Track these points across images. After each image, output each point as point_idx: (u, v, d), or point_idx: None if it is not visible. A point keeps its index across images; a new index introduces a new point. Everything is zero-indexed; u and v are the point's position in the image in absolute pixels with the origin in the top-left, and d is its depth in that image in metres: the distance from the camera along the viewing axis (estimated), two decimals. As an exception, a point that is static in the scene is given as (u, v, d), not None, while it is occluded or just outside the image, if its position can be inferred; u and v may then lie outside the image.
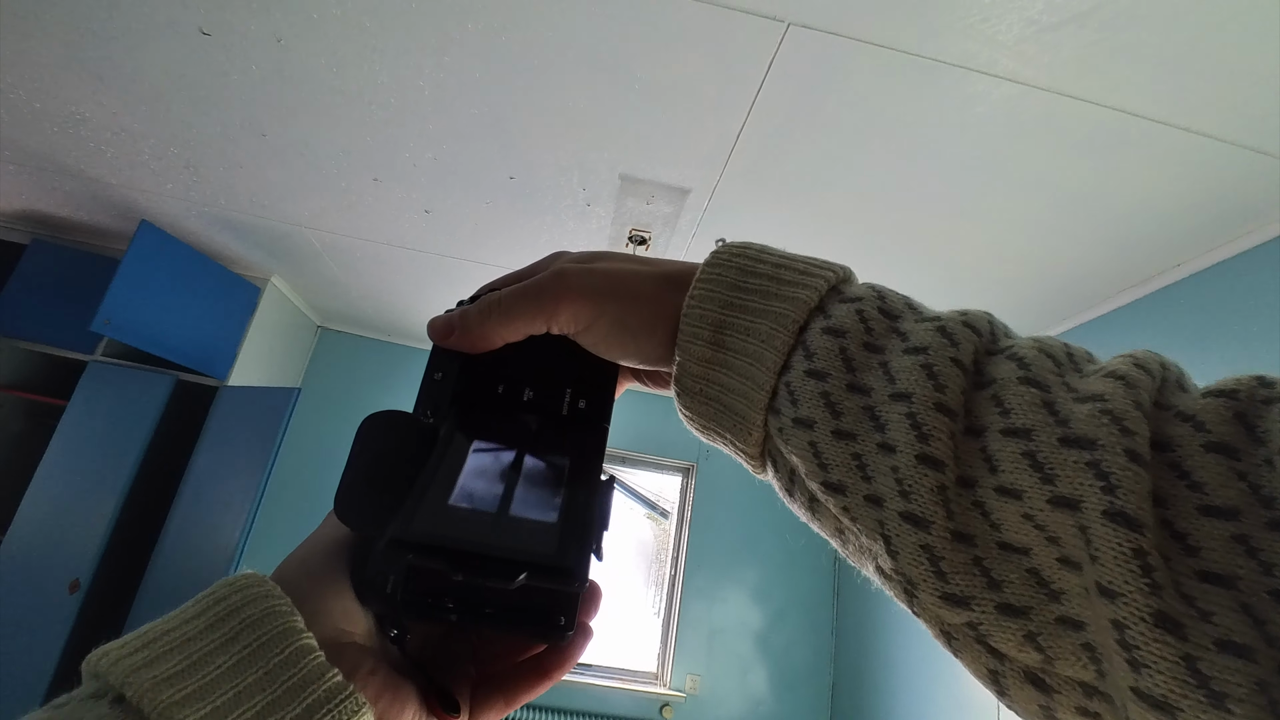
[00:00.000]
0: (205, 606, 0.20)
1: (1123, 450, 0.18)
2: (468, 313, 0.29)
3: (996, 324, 0.25)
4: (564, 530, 0.24)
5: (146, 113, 1.95)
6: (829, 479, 0.23)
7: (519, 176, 2.00)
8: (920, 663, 2.77)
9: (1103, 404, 0.19)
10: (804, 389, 0.24)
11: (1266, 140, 1.43)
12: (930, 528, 0.20)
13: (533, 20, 1.43)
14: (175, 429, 2.77)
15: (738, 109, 1.60)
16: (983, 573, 0.20)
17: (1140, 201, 1.68)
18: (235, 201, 2.42)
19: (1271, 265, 1.66)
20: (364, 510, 0.24)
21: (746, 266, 0.28)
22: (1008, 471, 0.20)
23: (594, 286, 0.28)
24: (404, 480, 0.24)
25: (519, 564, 0.22)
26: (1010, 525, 0.19)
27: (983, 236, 1.94)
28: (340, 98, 1.76)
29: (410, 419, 0.27)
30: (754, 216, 2.03)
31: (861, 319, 0.25)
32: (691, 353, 0.27)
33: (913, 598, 0.21)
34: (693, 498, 3.69)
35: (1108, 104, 1.42)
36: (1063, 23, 1.26)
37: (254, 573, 0.22)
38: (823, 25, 1.35)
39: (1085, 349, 0.23)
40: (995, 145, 1.58)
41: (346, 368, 3.73)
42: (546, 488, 0.26)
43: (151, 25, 1.59)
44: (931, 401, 0.21)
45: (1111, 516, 0.17)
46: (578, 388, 0.30)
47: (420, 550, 0.22)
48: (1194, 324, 1.84)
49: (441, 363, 0.30)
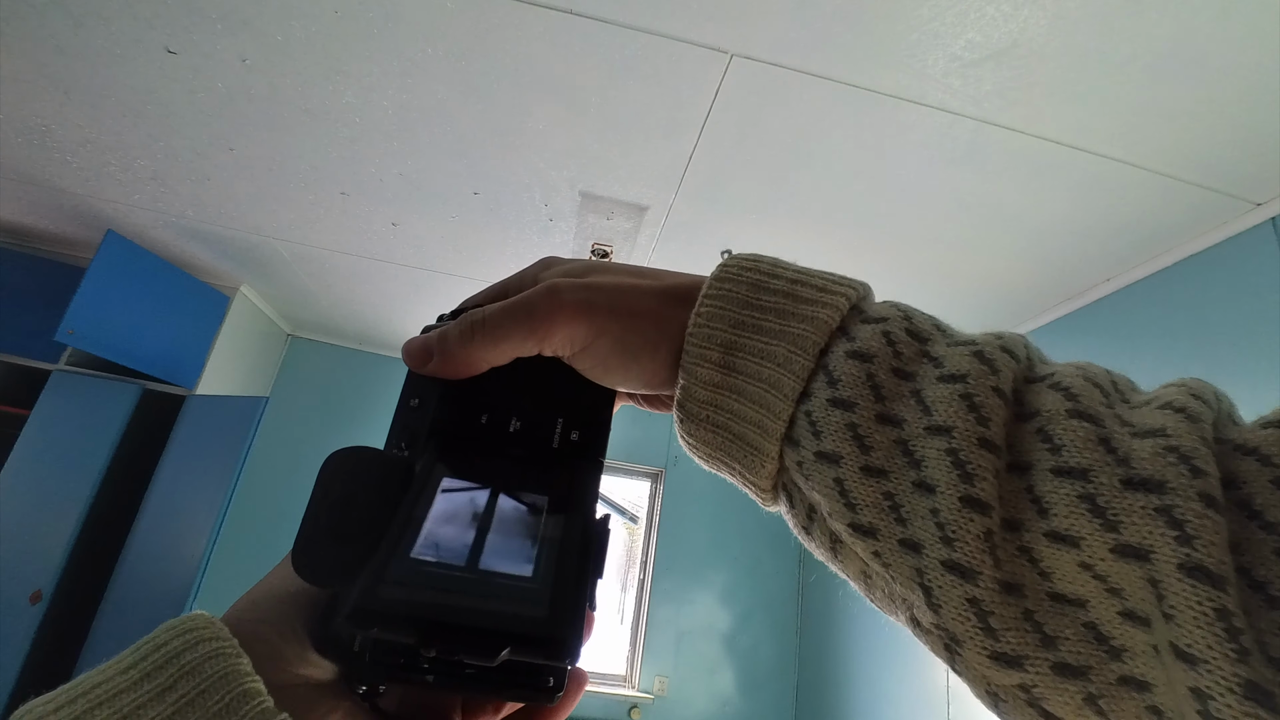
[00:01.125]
0: (143, 654, 0.18)
1: (1196, 494, 0.16)
2: (447, 334, 0.26)
3: (1032, 349, 0.23)
4: (556, 590, 0.21)
5: (113, 127, 1.97)
6: (858, 520, 0.21)
7: (483, 192, 2.06)
8: (879, 658, 2.87)
9: (1166, 440, 0.18)
10: (828, 419, 0.22)
11: (1172, 166, 1.55)
12: (978, 579, 0.18)
13: (490, 48, 1.50)
14: (141, 438, 2.77)
15: (688, 133, 1.68)
16: (1035, 628, 0.18)
17: (1064, 222, 1.80)
18: (204, 213, 2.44)
19: (1188, 281, 1.79)
20: (325, 565, 0.21)
21: (759, 282, 0.25)
22: (1061, 516, 0.18)
23: (591, 303, 0.25)
24: (372, 529, 0.22)
25: (502, 635, 0.20)
26: (1064, 575, 0.18)
27: (922, 256, 2.05)
28: (307, 116, 1.81)
29: (379, 456, 0.24)
30: (709, 233, 2.12)
31: (889, 341, 0.23)
32: (698, 376, 0.25)
33: (955, 655, 0.20)
34: (661, 503, 3.76)
35: (1029, 132, 1.53)
36: (983, 59, 1.37)
37: (200, 614, 0.20)
38: (764, 57, 1.44)
39: (1127, 376, 0.22)
40: (929, 170, 1.69)
41: (318, 376, 3.74)
42: (536, 537, 0.23)
43: (118, 43, 1.63)
44: (975, 436, 0.20)
45: (1189, 571, 0.16)
46: (570, 417, 0.27)
47: (388, 622, 0.19)
48: (1125, 334, 1.96)
49: (418, 388, 0.27)
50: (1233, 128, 1.42)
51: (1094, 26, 1.26)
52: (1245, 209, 1.63)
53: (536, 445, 0.26)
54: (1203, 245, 1.75)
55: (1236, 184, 1.57)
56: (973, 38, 1.32)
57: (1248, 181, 1.55)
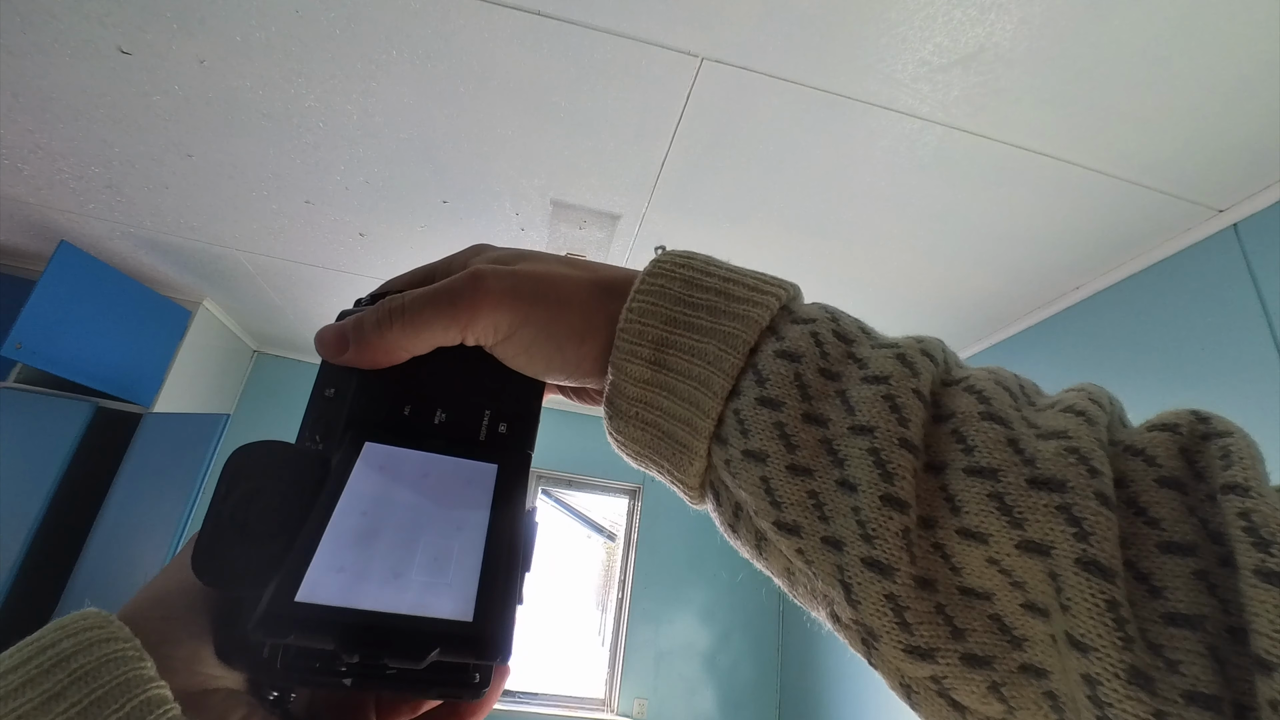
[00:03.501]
0: (27, 656, 0.16)
1: (1093, 493, 0.17)
2: (364, 321, 0.24)
3: (949, 352, 0.24)
4: (482, 585, 0.21)
5: (65, 132, 1.90)
6: (782, 518, 0.21)
7: (452, 200, 2.02)
8: (861, 674, 2.82)
9: (1067, 442, 0.18)
10: (756, 418, 0.22)
11: (1136, 172, 1.57)
12: (895, 575, 0.19)
13: (456, 49, 1.47)
14: (94, 458, 2.65)
15: (660, 138, 1.66)
16: (946, 621, 0.19)
17: (1033, 229, 1.81)
18: (162, 223, 2.37)
19: (1155, 288, 1.81)
20: (228, 567, 0.19)
21: (692, 279, 0.25)
22: (972, 514, 0.19)
23: (516, 290, 0.25)
24: (281, 528, 0.20)
25: (429, 636, 0.19)
26: (972, 569, 0.19)
27: (895, 263, 2.05)
28: (268, 120, 1.76)
29: (290, 450, 0.22)
30: (683, 242, 2.09)
31: (816, 342, 0.23)
32: (628, 372, 0.24)
33: (872, 649, 0.20)
34: (639, 520, 3.69)
35: (997, 138, 1.54)
36: (950, 64, 1.37)
37: (94, 611, 0.18)
38: (734, 61, 1.43)
39: (1032, 380, 0.23)
40: (899, 177, 1.69)
41: (285, 394, 3.63)
42: (460, 531, 0.22)
43: (68, 43, 1.57)
44: (896, 437, 0.20)
45: (1085, 565, 0.17)
46: (497, 408, 0.26)
47: (304, 628, 0.18)
48: (1096, 342, 1.97)
49: (334, 377, 0.25)
50: (1194, 133, 1.44)
51: (1058, 31, 1.27)
52: (1208, 215, 1.65)
53: (463, 438, 0.25)
54: (1168, 252, 1.77)
55: (1199, 190, 1.59)
56: (940, 42, 1.32)
57: (1210, 187, 1.57)
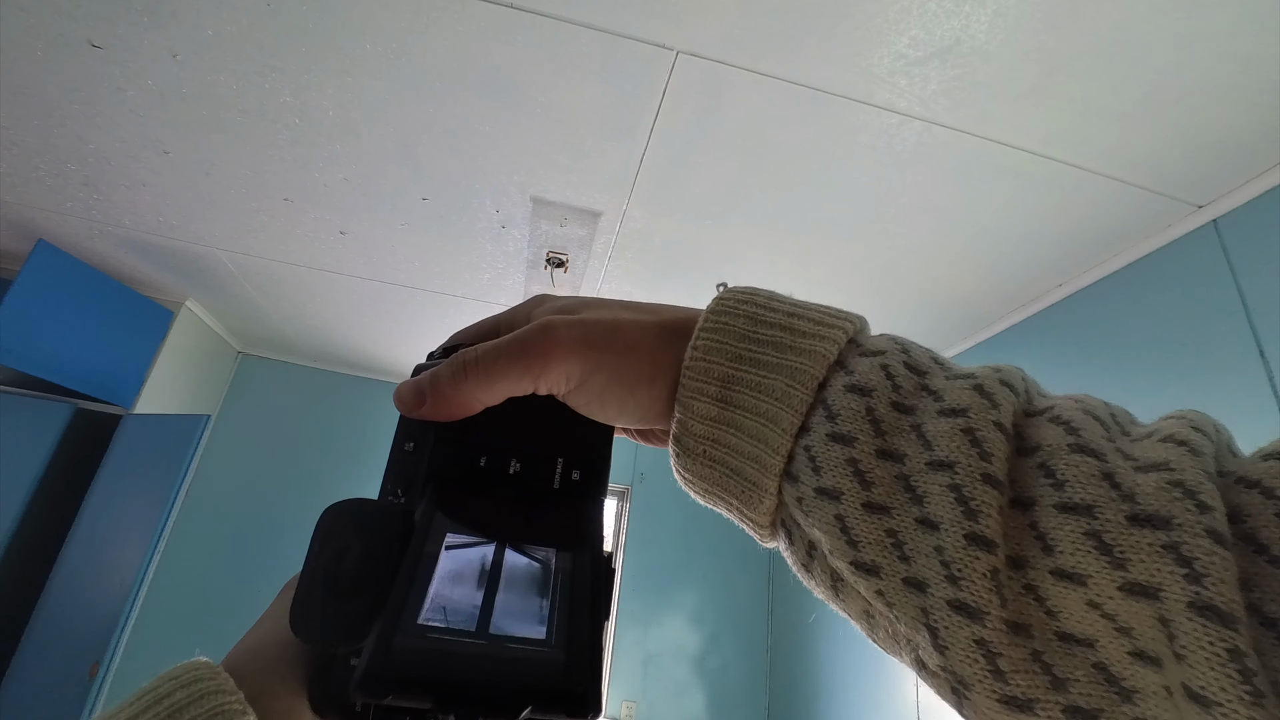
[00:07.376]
0: (146, 705, 0.18)
1: (1204, 530, 0.16)
2: (439, 375, 0.25)
3: (1030, 381, 0.23)
4: (571, 641, 0.21)
5: (39, 128, 1.88)
6: (860, 558, 0.20)
7: (432, 198, 2.00)
8: (850, 675, 2.81)
9: (1170, 474, 0.17)
10: (827, 454, 0.22)
11: (1115, 168, 1.56)
12: (985, 619, 0.18)
13: (430, 43, 1.46)
14: (73, 460, 2.62)
15: (638, 134, 1.65)
16: (1044, 669, 0.18)
17: (1014, 226, 1.80)
18: (141, 221, 2.34)
19: (1136, 285, 1.80)
20: (324, 623, 0.20)
21: (756, 315, 0.25)
22: (1068, 553, 0.18)
23: (586, 339, 0.25)
24: (373, 584, 0.21)
25: (522, 692, 0.19)
26: (1071, 613, 0.17)
27: (879, 261, 2.04)
28: (244, 116, 1.74)
29: (377, 507, 0.23)
30: (664, 240, 2.08)
31: (888, 375, 0.22)
32: (695, 410, 0.24)
33: (963, 699, 0.19)
34: (627, 522, 3.67)
35: (977, 133, 1.53)
36: (927, 57, 1.37)
37: (204, 662, 0.19)
38: (710, 55, 1.42)
39: (1124, 409, 0.22)
40: (879, 173, 1.68)
41: (270, 395, 3.60)
42: (545, 587, 0.23)
43: (38, 38, 1.55)
44: (978, 472, 0.19)
45: (1200, 610, 0.15)
46: (570, 455, 0.26)
47: (403, 688, 0.19)
48: (1079, 340, 1.96)
49: (412, 431, 0.26)
50: (1173, 128, 1.44)
51: (1034, 23, 1.26)
52: (1187, 211, 1.65)
53: (538, 487, 0.25)
54: (1149, 248, 1.77)
55: (1178, 186, 1.59)
56: (916, 34, 1.31)
57: (1189, 183, 1.57)
